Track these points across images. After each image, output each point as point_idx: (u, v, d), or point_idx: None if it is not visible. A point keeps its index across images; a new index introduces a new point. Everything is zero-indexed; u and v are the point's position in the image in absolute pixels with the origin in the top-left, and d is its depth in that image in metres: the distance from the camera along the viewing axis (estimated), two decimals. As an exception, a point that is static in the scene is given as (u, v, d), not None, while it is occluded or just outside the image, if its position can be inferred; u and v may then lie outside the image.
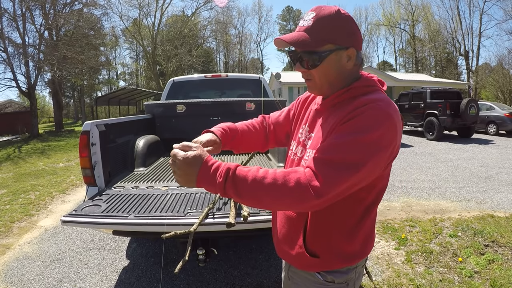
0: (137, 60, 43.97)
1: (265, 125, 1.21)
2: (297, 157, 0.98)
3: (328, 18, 0.82)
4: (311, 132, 0.95)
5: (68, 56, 16.57)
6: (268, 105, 3.63)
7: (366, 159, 0.72)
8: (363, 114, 0.76)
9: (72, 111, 43.04)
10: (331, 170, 0.71)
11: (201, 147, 0.80)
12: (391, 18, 41.36)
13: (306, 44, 0.82)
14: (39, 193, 5.33)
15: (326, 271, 0.91)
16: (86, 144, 2.17)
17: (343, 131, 0.76)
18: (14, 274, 2.71)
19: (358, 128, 0.74)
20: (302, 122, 1.04)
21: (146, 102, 3.91)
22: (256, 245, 3.06)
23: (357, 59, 0.86)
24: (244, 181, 0.73)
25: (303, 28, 0.84)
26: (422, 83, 20.23)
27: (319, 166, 0.73)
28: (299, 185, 0.71)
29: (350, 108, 0.80)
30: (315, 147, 0.87)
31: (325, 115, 0.91)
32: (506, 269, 2.52)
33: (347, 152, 0.72)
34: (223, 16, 37.33)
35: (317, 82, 0.88)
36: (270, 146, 1.22)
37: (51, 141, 14.17)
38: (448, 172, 6.02)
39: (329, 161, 0.73)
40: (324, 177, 0.71)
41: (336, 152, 0.73)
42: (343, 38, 0.83)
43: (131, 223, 1.68)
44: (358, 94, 0.84)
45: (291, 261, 0.99)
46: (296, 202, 0.72)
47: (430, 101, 10.74)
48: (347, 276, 0.92)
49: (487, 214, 3.74)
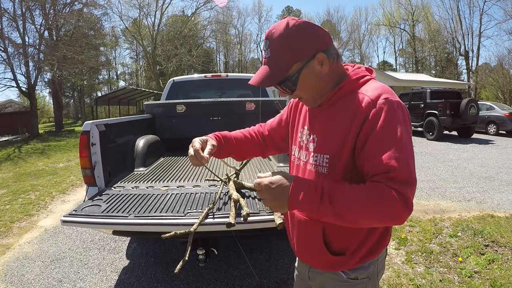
0: (137, 60, 44.00)
1: (261, 132, 1.22)
2: (301, 161, 0.97)
3: (280, 40, 0.81)
4: (313, 134, 0.93)
5: (68, 56, 16.57)
6: (268, 105, 3.63)
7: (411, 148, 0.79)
8: (384, 116, 0.76)
9: (72, 111, 43.06)
10: (407, 186, 0.72)
11: (283, 172, 0.80)
12: (391, 18, 41.35)
13: (273, 78, 0.84)
14: (39, 193, 5.33)
15: (349, 269, 0.92)
16: (86, 144, 2.17)
17: (382, 141, 0.75)
18: (14, 274, 2.71)
19: (392, 132, 0.75)
20: (299, 125, 1.03)
21: (146, 102, 3.91)
22: (256, 245, 3.06)
23: (330, 58, 0.84)
24: (341, 195, 0.72)
25: (265, 60, 0.86)
26: (422, 83, 20.22)
27: (396, 184, 0.71)
28: (394, 206, 0.70)
29: (356, 105, 0.81)
30: (323, 150, 0.88)
31: (324, 115, 0.91)
32: (506, 269, 2.52)
33: (394, 147, 0.74)
34: (223, 16, 37.34)
35: (306, 97, 0.91)
36: (270, 153, 1.23)
37: (51, 141, 14.17)
38: (448, 172, 6.02)
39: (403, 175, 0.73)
40: (408, 193, 0.71)
41: (390, 161, 0.73)
42: (304, 51, 0.82)
43: (131, 223, 1.68)
44: (353, 88, 0.86)
45: (313, 262, 0.99)
46: (390, 219, 0.72)
47: (430, 101, 10.74)
48: (369, 271, 0.93)
49: (487, 214, 3.74)
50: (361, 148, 0.79)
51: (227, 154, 1.13)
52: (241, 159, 1.22)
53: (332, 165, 0.85)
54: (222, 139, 1.09)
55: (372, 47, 48.00)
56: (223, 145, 1.08)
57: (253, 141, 1.19)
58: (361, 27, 46.30)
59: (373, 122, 0.77)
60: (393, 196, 0.69)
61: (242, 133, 1.19)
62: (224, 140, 1.10)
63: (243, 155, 1.20)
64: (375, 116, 0.77)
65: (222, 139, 1.09)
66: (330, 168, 0.86)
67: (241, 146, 1.16)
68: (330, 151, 0.86)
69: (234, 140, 1.14)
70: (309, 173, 0.92)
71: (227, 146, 1.10)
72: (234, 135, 1.16)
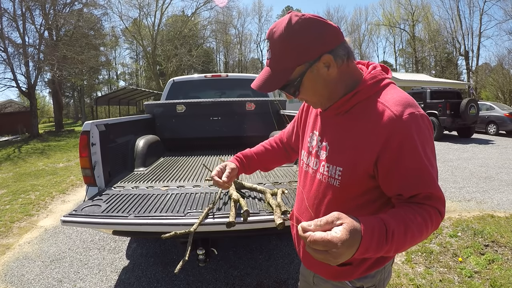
0: (137, 60, 44.02)
1: (281, 140, 1.24)
2: (311, 169, 0.92)
3: (281, 40, 0.75)
4: (325, 141, 0.87)
5: (68, 56, 16.59)
6: (268, 105, 3.63)
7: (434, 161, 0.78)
8: (412, 135, 0.72)
9: (72, 111, 43.08)
10: (441, 201, 0.75)
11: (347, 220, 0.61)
12: (391, 18, 41.34)
13: (274, 82, 0.79)
14: (39, 193, 5.32)
15: (356, 278, 0.89)
16: (86, 144, 2.17)
17: (413, 162, 0.72)
18: (14, 274, 2.71)
19: (422, 151, 0.72)
20: (309, 129, 0.98)
21: (146, 102, 3.91)
22: (256, 245, 3.06)
23: (338, 60, 0.76)
24: (401, 231, 0.66)
25: (268, 62, 0.81)
26: (422, 83, 20.21)
27: (435, 202, 0.74)
28: (437, 223, 0.74)
29: (377, 118, 0.74)
30: (336, 161, 0.82)
31: (338, 122, 0.84)
32: (506, 269, 2.52)
33: (424, 166, 0.73)
34: (223, 16, 37.31)
35: (312, 100, 0.86)
36: (295, 157, 1.22)
37: (51, 141, 14.17)
38: (448, 172, 6.02)
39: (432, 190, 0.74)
40: (443, 207, 0.76)
41: (424, 181, 0.73)
42: (307, 53, 0.74)
43: (131, 223, 1.68)
44: (370, 95, 0.79)
45: (318, 271, 0.96)
46: (432, 233, 0.77)
47: (430, 101, 10.74)
48: (376, 279, 0.91)
49: (487, 214, 3.74)
50: (389, 170, 0.74)
51: (253, 170, 1.20)
52: (268, 170, 1.26)
53: (345, 178, 0.80)
54: (243, 159, 1.15)
55: (372, 47, 48.04)
56: (245, 164, 1.14)
57: (274, 151, 1.22)
58: (361, 27, 46.33)
59: (401, 142, 0.71)
60: (436, 214, 0.73)
61: (264, 146, 1.23)
62: (246, 159, 1.16)
63: (268, 166, 1.24)
64: (402, 135, 0.71)
65: (243, 159, 1.15)
66: (343, 181, 0.81)
67: (264, 159, 1.20)
68: (344, 164, 0.80)
69: (256, 155, 1.19)
70: (319, 183, 0.88)
71: (251, 163, 1.17)
72: (255, 151, 1.20)
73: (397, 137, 0.71)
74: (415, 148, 0.71)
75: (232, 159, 1.13)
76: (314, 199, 0.90)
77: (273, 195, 1.90)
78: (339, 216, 0.61)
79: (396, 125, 0.71)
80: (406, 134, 0.71)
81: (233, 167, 1.09)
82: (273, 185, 2.20)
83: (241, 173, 1.14)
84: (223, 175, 1.05)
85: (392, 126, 0.72)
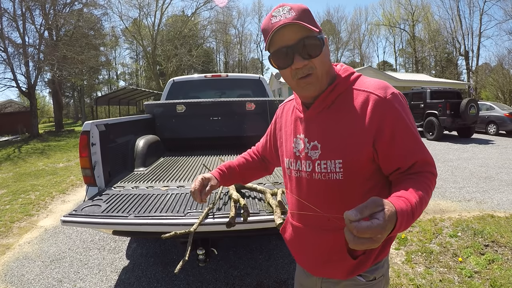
0: (137, 60, 44.04)
1: (257, 152, 1.25)
2: (303, 173, 0.90)
3: (301, 7, 0.81)
4: (313, 141, 0.87)
5: (68, 56, 16.59)
6: (269, 105, 3.63)
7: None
8: (399, 110, 0.80)
9: (72, 111, 43.09)
10: (433, 163, 0.82)
11: (387, 206, 0.62)
12: (391, 18, 41.39)
13: (309, 24, 0.78)
14: (39, 193, 5.33)
15: (367, 271, 0.89)
16: (86, 144, 2.17)
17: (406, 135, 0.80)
18: (14, 274, 2.71)
19: (409, 123, 0.80)
20: (290, 135, 0.96)
21: (146, 102, 3.91)
22: (256, 245, 3.06)
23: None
24: (418, 201, 0.71)
25: (289, 19, 0.77)
26: (422, 83, 20.24)
27: (430, 167, 0.81)
28: (435, 183, 0.82)
29: (363, 104, 0.80)
30: (333, 155, 0.83)
31: (323, 118, 0.86)
32: (506, 269, 2.52)
33: (416, 135, 0.81)
34: (223, 16, 37.35)
35: (318, 74, 0.82)
36: (272, 169, 1.26)
37: (51, 141, 14.17)
38: (448, 172, 6.02)
39: (424, 156, 0.81)
40: (433, 165, 0.83)
41: (418, 148, 0.81)
42: (318, 26, 0.83)
43: (131, 223, 1.68)
44: (348, 86, 0.86)
45: (332, 274, 0.94)
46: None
47: (430, 101, 10.73)
48: (384, 269, 0.93)
49: (487, 214, 3.74)
50: (388, 146, 0.79)
51: (233, 182, 1.21)
52: (246, 182, 1.28)
53: (348, 169, 0.81)
54: (226, 171, 1.14)
55: (372, 47, 48.12)
56: (227, 176, 1.14)
57: (254, 162, 1.23)
58: (361, 27, 46.41)
59: (392, 119, 0.78)
60: (433, 177, 0.80)
61: (244, 158, 1.23)
62: (228, 171, 1.15)
63: (247, 179, 1.25)
64: (392, 113, 0.79)
65: (226, 170, 1.15)
66: (346, 172, 0.82)
67: (244, 171, 1.20)
68: (342, 155, 0.81)
69: (238, 167, 1.19)
70: (318, 183, 0.86)
71: (232, 176, 1.16)
72: (237, 163, 1.20)
73: (388, 116, 0.78)
74: (404, 122, 0.79)
75: (214, 173, 1.11)
76: (316, 200, 0.88)
77: (273, 195, 1.90)
78: (378, 201, 0.62)
79: (384, 106, 0.79)
80: (394, 112, 0.79)
81: (213, 184, 1.06)
82: (273, 185, 2.20)
83: (220, 185, 1.13)
84: (202, 192, 1.02)
85: (381, 107, 0.79)
